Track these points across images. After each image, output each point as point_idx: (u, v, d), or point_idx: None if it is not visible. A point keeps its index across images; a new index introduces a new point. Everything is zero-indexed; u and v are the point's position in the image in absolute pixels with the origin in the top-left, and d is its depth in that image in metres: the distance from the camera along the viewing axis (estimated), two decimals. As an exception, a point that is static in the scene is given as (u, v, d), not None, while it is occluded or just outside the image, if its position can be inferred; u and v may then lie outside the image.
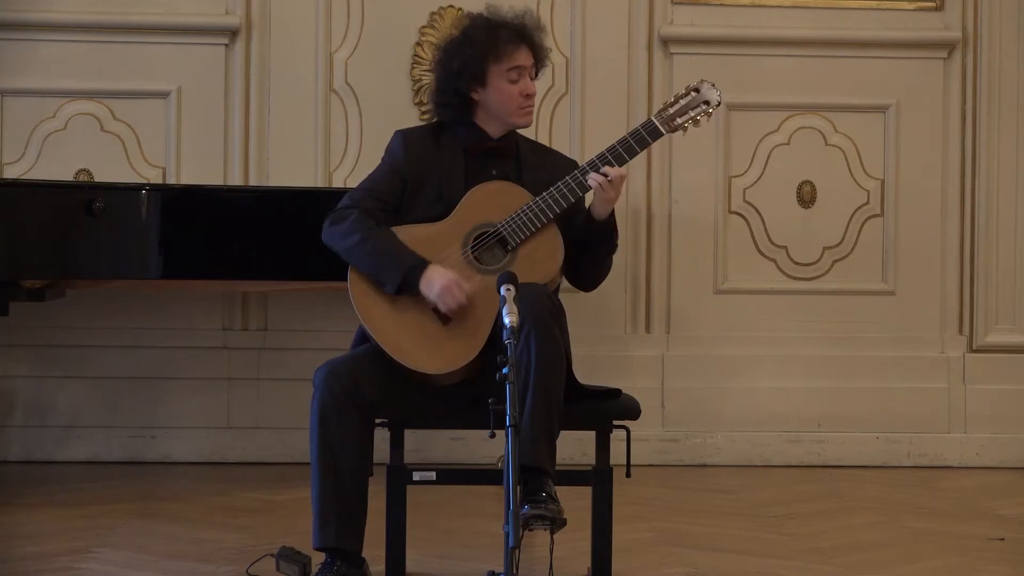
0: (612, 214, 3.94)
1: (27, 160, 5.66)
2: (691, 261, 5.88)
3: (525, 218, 3.85)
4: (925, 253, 5.94)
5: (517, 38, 3.96)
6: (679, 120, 4.00)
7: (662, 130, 3.97)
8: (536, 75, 4.03)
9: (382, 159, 4.05)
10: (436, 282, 3.78)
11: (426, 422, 4.08)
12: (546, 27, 4.15)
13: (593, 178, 3.86)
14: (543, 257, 3.86)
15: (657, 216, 5.86)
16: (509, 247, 3.86)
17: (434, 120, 4.12)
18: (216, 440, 5.73)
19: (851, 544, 4.50)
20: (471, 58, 3.95)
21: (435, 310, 3.81)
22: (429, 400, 3.86)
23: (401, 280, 3.80)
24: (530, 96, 3.98)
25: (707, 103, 4.01)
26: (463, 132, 4.01)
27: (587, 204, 4.00)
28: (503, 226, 3.86)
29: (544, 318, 3.65)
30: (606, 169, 3.87)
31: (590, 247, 3.96)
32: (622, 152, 3.91)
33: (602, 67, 5.83)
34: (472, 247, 3.86)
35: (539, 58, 4.02)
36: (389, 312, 3.83)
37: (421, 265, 3.82)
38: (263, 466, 5.66)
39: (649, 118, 4.00)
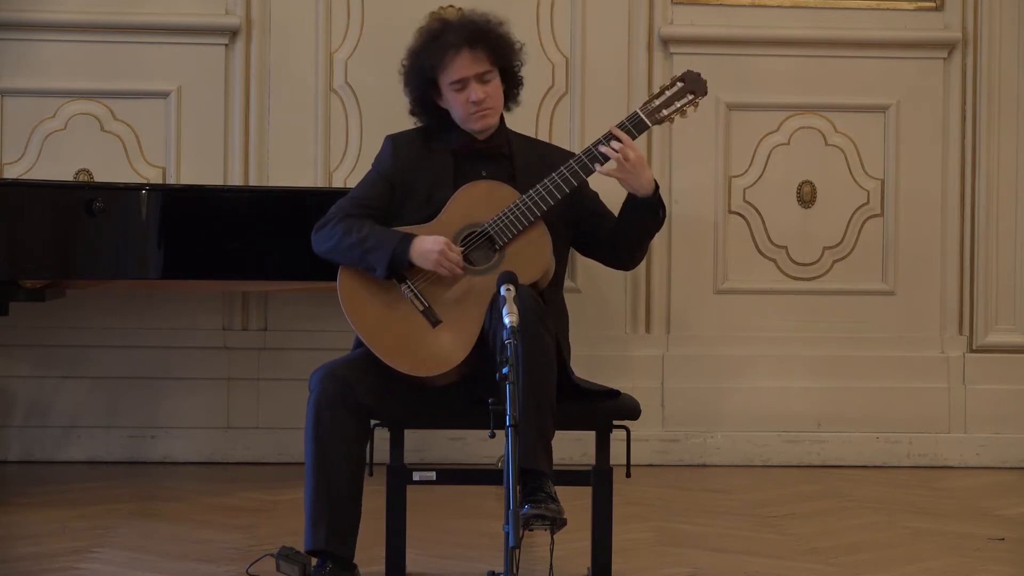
0: (656, 192, 3.91)
1: (27, 160, 5.66)
2: (691, 261, 5.88)
3: (512, 216, 3.84)
4: (925, 253, 5.94)
5: (456, 45, 3.90)
6: (665, 112, 3.94)
7: (647, 122, 3.93)
8: (508, 72, 3.96)
9: (372, 165, 4.06)
10: (430, 251, 3.76)
11: (426, 422, 4.08)
12: (502, 20, 4.00)
13: (608, 153, 3.85)
14: (531, 255, 3.84)
15: (657, 216, 5.85)
16: (497, 246, 3.86)
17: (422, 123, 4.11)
18: (216, 440, 5.73)
19: (851, 544, 4.50)
20: (420, 73, 3.95)
21: (424, 312, 3.80)
22: (425, 403, 3.85)
23: (390, 259, 3.79)
24: (477, 102, 3.91)
25: (693, 93, 3.96)
26: (452, 135, 4.01)
27: (585, 192, 4.03)
28: (490, 225, 3.85)
29: (530, 320, 3.62)
30: (606, 149, 3.86)
31: (634, 226, 3.95)
32: (605, 150, 3.89)
33: (602, 67, 5.83)
34: (461, 248, 3.85)
35: (495, 57, 3.93)
36: (378, 316, 3.82)
37: (407, 238, 3.81)
38: (263, 466, 5.66)
39: (634, 111, 3.97)
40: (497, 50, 3.95)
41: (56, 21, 5.66)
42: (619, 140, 3.87)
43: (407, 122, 4.12)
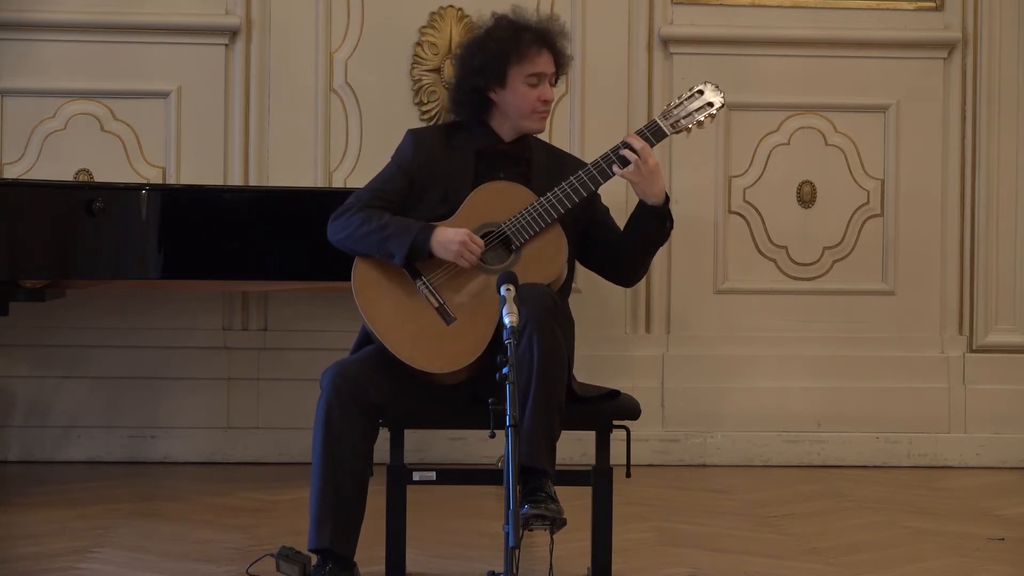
0: (666, 203, 3.94)
1: (27, 160, 5.66)
2: (691, 261, 5.88)
3: (529, 218, 3.85)
4: (925, 253, 5.94)
5: (541, 43, 3.96)
6: (683, 122, 4.00)
7: (666, 131, 3.97)
8: (555, 82, 4.04)
9: (391, 158, 4.06)
10: (452, 240, 3.77)
11: (426, 422, 4.09)
12: (570, 35, 4.13)
13: (626, 156, 3.86)
14: (547, 257, 3.85)
15: (657, 216, 5.85)
16: (513, 247, 3.86)
17: (445, 120, 4.12)
18: (216, 440, 5.73)
19: (851, 544, 4.50)
20: (493, 57, 3.95)
21: (439, 309, 3.81)
22: (435, 403, 3.85)
23: (410, 246, 3.79)
24: (547, 102, 3.98)
25: (711, 104, 4.01)
26: (477, 133, 4.01)
27: (597, 204, 4.05)
28: (507, 225, 3.86)
29: (546, 318, 3.64)
30: (627, 152, 3.87)
31: (641, 233, 3.96)
32: (625, 154, 3.92)
33: (602, 67, 5.83)
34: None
35: (560, 65, 4.02)
36: (392, 312, 3.82)
37: (429, 228, 3.81)
38: (263, 466, 5.66)
39: (653, 119, 4.01)
40: (562, 63, 4.03)
41: (56, 21, 5.66)
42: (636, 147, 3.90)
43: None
